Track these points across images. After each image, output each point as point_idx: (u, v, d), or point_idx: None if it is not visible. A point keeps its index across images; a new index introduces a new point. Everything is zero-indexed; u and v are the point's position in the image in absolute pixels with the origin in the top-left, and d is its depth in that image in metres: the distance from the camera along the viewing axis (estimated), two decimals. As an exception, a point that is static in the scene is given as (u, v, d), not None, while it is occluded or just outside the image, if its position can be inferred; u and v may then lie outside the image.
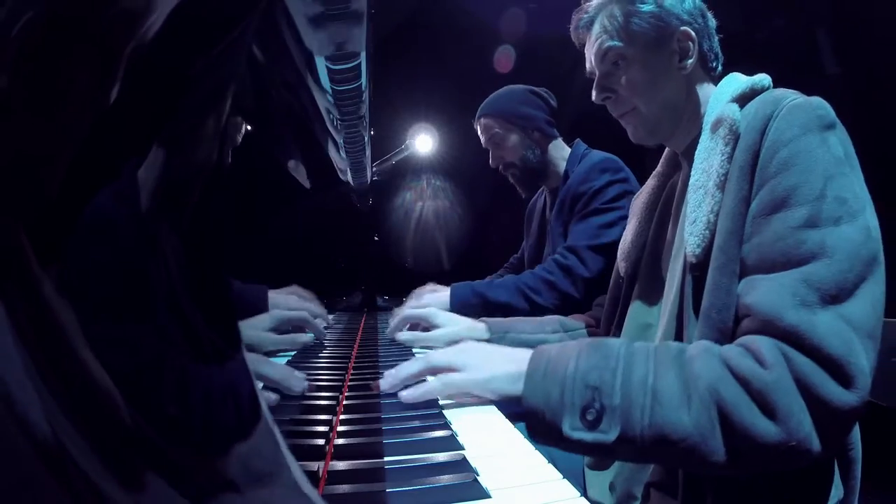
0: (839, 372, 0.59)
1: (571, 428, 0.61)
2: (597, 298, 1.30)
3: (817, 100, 0.72)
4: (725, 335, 0.69)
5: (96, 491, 0.17)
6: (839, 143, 0.69)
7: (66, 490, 0.16)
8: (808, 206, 0.65)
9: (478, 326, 1.10)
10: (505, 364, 0.69)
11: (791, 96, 0.73)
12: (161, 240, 0.23)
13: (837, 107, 0.71)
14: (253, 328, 0.97)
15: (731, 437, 0.59)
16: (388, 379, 0.73)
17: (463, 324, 1.11)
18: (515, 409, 0.68)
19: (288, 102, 1.09)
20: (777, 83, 0.81)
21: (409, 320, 1.19)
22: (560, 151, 1.74)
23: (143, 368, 0.21)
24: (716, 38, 0.92)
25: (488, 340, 1.07)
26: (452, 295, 1.44)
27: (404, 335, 1.14)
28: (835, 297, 0.61)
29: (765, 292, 0.64)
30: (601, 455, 0.69)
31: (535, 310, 1.45)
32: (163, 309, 0.22)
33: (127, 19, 0.20)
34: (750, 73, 0.85)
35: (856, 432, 0.77)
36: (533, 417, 0.64)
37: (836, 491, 0.74)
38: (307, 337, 1.08)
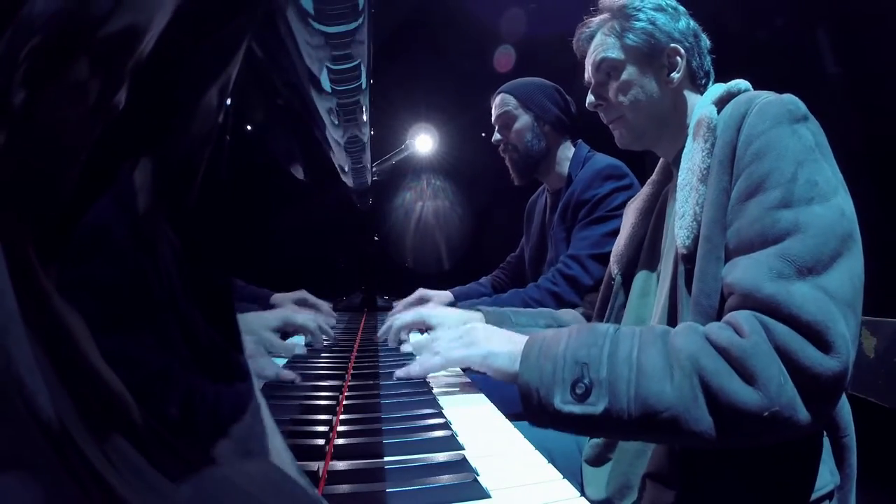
0: (818, 338, 0.60)
1: (562, 401, 0.64)
2: (587, 295, 1.31)
3: (788, 96, 0.76)
4: (714, 319, 0.72)
5: (95, 473, 0.17)
6: (810, 133, 0.73)
7: (68, 470, 0.17)
8: (781, 189, 0.68)
9: (473, 317, 1.11)
10: (504, 343, 0.74)
11: (764, 95, 0.78)
12: (163, 238, 0.23)
13: (837, 107, 0.72)
14: (259, 325, 0.96)
15: (714, 406, 0.61)
16: (403, 371, 0.82)
17: (457, 316, 1.11)
18: (516, 411, 0.69)
19: (288, 102, 1.09)
20: (777, 83, 0.83)
21: (404, 328, 1.17)
22: (566, 153, 1.74)
23: (143, 362, 0.21)
24: (708, 58, 0.96)
25: None
26: None
27: (406, 347, 1.13)
28: (811, 269, 0.63)
29: (744, 269, 0.67)
30: (591, 430, 0.72)
31: None
32: (164, 305, 0.22)
33: (127, 36, 0.20)
34: (750, 72, 0.87)
35: (849, 420, 0.79)
36: (527, 395, 0.67)
37: (832, 477, 0.75)
38: (302, 349, 1.07)
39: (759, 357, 0.60)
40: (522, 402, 0.68)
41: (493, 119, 1.77)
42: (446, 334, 0.82)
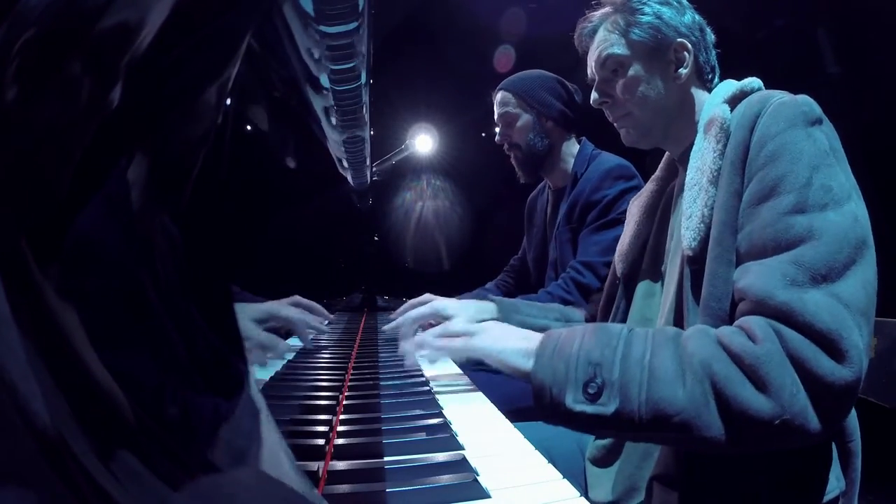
0: (831, 347, 0.59)
1: (574, 401, 0.64)
2: (592, 295, 1.30)
3: (803, 97, 0.74)
4: (724, 323, 0.71)
5: (91, 479, 0.17)
6: (824, 136, 0.72)
7: (64, 478, 0.17)
8: (795, 194, 0.67)
9: (487, 307, 1.10)
10: (519, 341, 0.74)
11: (778, 95, 0.76)
12: (161, 239, 0.23)
13: (837, 107, 0.72)
14: (240, 315, 0.92)
15: (725, 412, 0.60)
16: (409, 345, 0.88)
17: (473, 308, 1.09)
18: (515, 407, 0.69)
19: (288, 102, 1.09)
20: (777, 83, 0.82)
21: (419, 321, 1.14)
22: (571, 149, 1.72)
23: (141, 366, 0.21)
24: (713, 52, 0.95)
25: (496, 319, 1.09)
26: None
27: (411, 344, 0.97)
28: (825, 276, 0.63)
29: (756, 275, 0.66)
30: (602, 430, 0.72)
31: None
32: (162, 308, 0.22)
33: (124, 31, 0.20)
34: (750, 72, 0.86)
35: (855, 425, 0.78)
36: (540, 393, 0.67)
37: (838, 482, 0.75)
38: (287, 346, 1.01)
39: (773, 365, 0.59)
40: (535, 400, 0.68)
41: (495, 117, 1.75)
42: (463, 324, 0.84)
